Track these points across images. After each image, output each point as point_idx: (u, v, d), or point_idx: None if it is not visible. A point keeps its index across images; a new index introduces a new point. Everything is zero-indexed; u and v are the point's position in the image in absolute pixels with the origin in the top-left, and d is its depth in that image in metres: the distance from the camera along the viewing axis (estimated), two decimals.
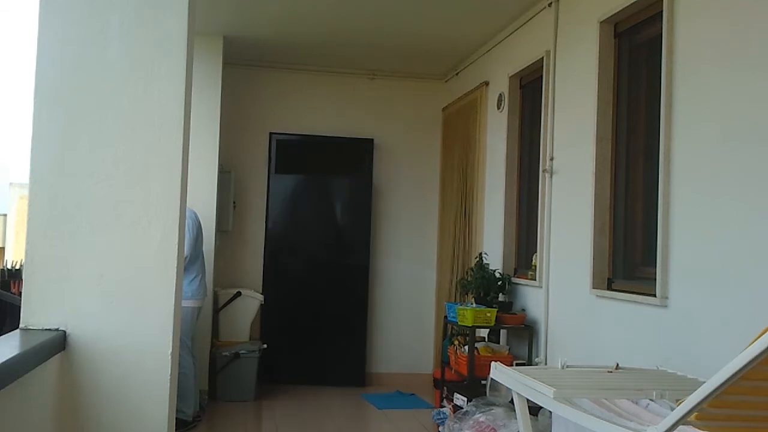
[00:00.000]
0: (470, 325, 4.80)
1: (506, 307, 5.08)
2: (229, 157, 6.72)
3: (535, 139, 5.12)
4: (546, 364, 4.62)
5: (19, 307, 2.46)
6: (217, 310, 6.28)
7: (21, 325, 2.43)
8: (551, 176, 4.69)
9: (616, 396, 2.58)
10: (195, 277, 5.27)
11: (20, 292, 2.70)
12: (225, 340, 6.22)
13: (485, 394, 4.24)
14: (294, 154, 6.98)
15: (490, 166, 5.86)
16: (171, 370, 2.49)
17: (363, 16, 5.50)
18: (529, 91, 5.41)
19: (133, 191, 2.51)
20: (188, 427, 5.12)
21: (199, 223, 5.38)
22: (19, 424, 2.08)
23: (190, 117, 2.65)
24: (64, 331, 2.43)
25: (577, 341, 4.28)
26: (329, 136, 7.02)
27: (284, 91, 7.06)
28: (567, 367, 2.80)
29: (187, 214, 5.21)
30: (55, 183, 2.48)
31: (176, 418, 5.06)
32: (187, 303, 5.22)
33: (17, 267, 6.14)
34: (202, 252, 5.42)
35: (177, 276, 2.53)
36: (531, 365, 4.64)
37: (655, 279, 3.42)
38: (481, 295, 5.12)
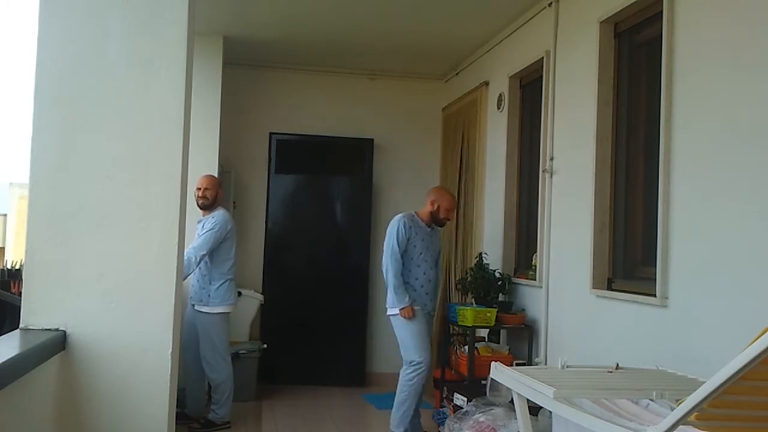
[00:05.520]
0: (470, 325, 4.79)
1: (506, 307, 5.08)
2: (229, 157, 6.72)
3: (535, 139, 5.12)
4: (546, 364, 4.61)
5: (19, 307, 2.46)
6: None
7: (21, 325, 2.44)
8: (551, 176, 4.69)
9: (616, 396, 2.58)
10: (223, 283, 5.19)
11: (20, 292, 2.70)
12: None
13: (485, 394, 4.24)
14: (294, 154, 6.98)
15: (490, 166, 5.86)
16: (171, 370, 2.49)
17: (363, 16, 5.50)
18: (529, 91, 5.41)
19: (133, 191, 2.51)
20: (218, 427, 5.15)
21: (231, 225, 5.28)
22: (19, 424, 2.08)
23: (190, 117, 2.65)
24: (64, 332, 2.43)
25: (577, 341, 4.28)
26: (329, 136, 7.02)
27: (284, 91, 7.06)
28: (567, 367, 2.80)
29: (220, 215, 5.19)
30: (55, 183, 2.48)
31: (206, 419, 5.11)
32: (216, 309, 5.19)
33: (17, 267, 6.14)
34: (234, 257, 5.30)
35: (177, 276, 2.54)
36: (531, 365, 4.64)
37: (655, 279, 3.42)
38: (481, 295, 5.12)
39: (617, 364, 2.86)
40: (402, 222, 4.78)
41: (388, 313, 4.86)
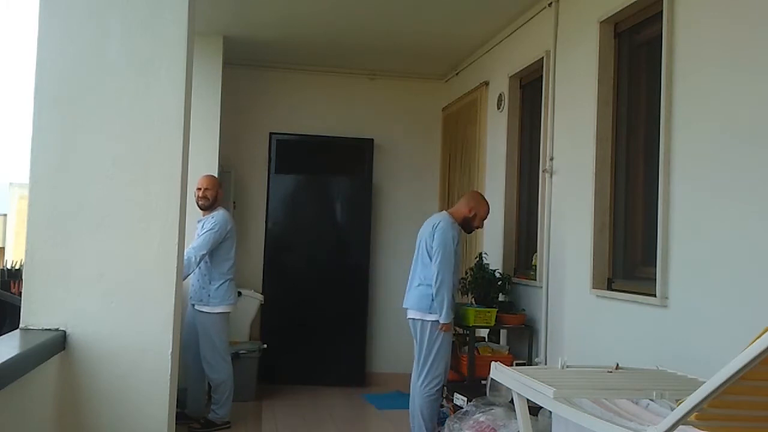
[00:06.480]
0: (470, 325, 4.80)
1: (506, 307, 5.08)
2: (229, 157, 6.72)
3: (535, 139, 5.12)
4: (546, 364, 4.62)
5: (19, 307, 2.46)
6: None
7: (21, 325, 2.44)
8: (551, 176, 4.69)
9: (616, 396, 2.58)
10: (223, 283, 5.18)
11: (20, 292, 2.70)
12: None
13: (485, 394, 4.24)
14: (294, 154, 6.98)
15: (490, 166, 5.86)
16: (171, 370, 2.49)
17: (363, 16, 5.50)
18: (529, 91, 5.41)
19: (133, 191, 2.51)
20: (218, 427, 5.16)
21: (231, 225, 5.27)
22: (19, 424, 2.08)
23: (190, 117, 2.65)
24: (64, 332, 2.43)
25: (577, 341, 4.28)
26: (329, 136, 7.02)
27: (284, 91, 7.07)
28: (567, 367, 2.80)
29: (220, 215, 5.18)
30: (55, 183, 2.48)
31: (206, 419, 5.11)
32: (216, 309, 5.18)
33: (17, 267, 6.14)
34: (234, 257, 5.29)
35: (177, 276, 2.54)
36: (531, 365, 4.64)
37: (655, 279, 3.42)
38: (481, 295, 5.12)
39: (617, 364, 2.86)
40: (455, 229, 4.54)
41: (427, 319, 4.54)
